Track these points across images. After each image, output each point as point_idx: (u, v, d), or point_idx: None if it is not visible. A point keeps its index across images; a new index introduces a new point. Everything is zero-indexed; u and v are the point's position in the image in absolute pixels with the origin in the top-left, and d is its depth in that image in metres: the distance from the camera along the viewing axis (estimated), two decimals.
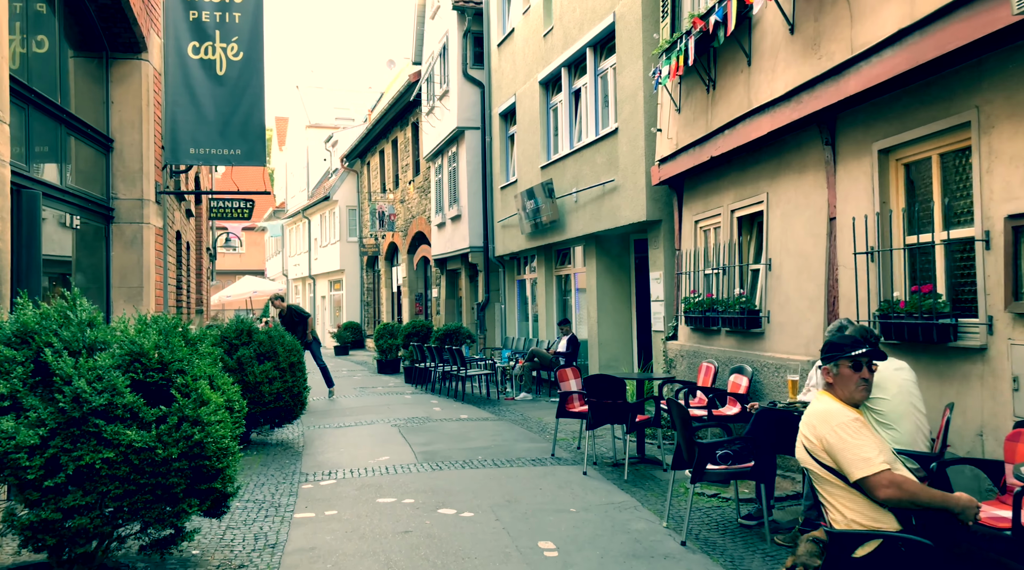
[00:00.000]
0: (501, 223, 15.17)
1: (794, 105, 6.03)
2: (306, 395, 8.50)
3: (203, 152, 8.22)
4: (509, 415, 10.24)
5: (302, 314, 12.65)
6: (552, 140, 13.01)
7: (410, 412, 10.63)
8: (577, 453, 7.47)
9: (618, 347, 11.55)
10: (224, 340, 8.09)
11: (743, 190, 7.44)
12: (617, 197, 10.35)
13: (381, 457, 7.46)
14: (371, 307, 28.03)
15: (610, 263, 11.61)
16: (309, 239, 33.65)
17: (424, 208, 20.45)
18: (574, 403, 7.40)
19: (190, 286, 11.78)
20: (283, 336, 8.40)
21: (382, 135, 24.64)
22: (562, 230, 12.21)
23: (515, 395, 12.03)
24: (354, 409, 11.16)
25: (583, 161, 11.41)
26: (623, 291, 11.63)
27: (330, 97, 37.03)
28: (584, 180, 11.34)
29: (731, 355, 7.39)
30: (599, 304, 11.51)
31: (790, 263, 6.52)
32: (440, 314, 19.47)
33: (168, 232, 8.70)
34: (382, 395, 13.02)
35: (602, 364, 11.45)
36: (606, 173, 10.65)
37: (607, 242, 11.61)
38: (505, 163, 15.29)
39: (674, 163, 8.61)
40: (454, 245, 17.09)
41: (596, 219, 11.00)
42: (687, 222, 8.79)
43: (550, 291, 13.60)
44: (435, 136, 17.85)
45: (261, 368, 7.94)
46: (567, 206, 11.98)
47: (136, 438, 3.57)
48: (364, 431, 9.12)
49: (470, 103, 16.09)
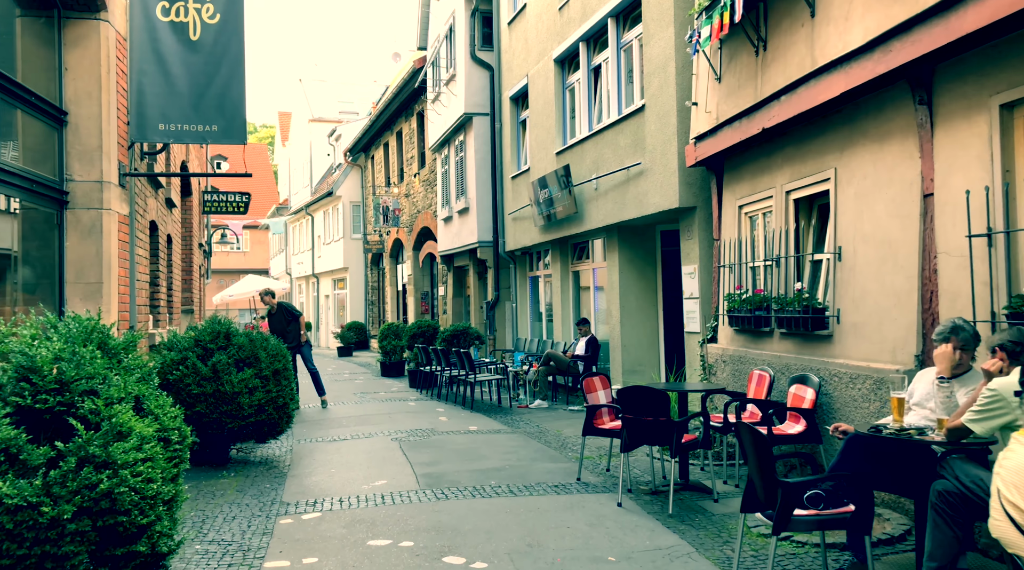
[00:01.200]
0: (512, 216, 14.08)
1: (879, 56, 4.91)
2: (294, 406, 7.44)
3: (174, 128, 7.17)
4: (524, 426, 9.16)
5: (293, 312, 11.61)
6: (568, 123, 11.92)
7: (413, 423, 9.56)
8: (607, 476, 6.37)
9: (643, 350, 10.45)
10: (198, 344, 7.04)
11: (802, 167, 6.32)
12: (644, 182, 9.24)
13: (377, 481, 6.39)
14: (375, 306, 27.01)
15: (634, 257, 10.51)
16: (312, 236, 32.66)
17: (430, 202, 19.39)
18: (603, 419, 6.31)
19: (172, 283, 10.75)
20: (266, 339, 7.34)
21: (386, 127, 23.59)
22: (580, 221, 11.12)
23: (529, 402, 10.95)
24: (352, 418, 10.10)
25: (604, 144, 10.31)
26: (648, 288, 10.53)
27: (334, 91, 36.03)
28: (606, 165, 10.24)
29: (789, 361, 6.28)
30: (622, 302, 10.41)
31: (868, 251, 5.41)
32: (447, 314, 18.40)
33: (138, 221, 7.66)
34: (384, 402, 11.96)
35: (625, 369, 10.35)
36: (631, 156, 9.55)
37: (631, 234, 10.50)
38: (516, 151, 14.19)
39: (713, 140, 7.51)
40: (461, 240, 16.02)
41: (619, 208, 9.90)
42: (729, 208, 7.68)
43: (566, 288, 12.50)
44: (441, 124, 16.78)
45: (240, 376, 6.89)
46: (586, 194, 10.88)
47: (9, 492, 2.50)
48: (361, 446, 8.05)
49: (479, 87, 15.01)
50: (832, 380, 5.65)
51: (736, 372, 7.22)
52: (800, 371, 6.04)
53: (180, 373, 6.77)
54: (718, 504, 5.45)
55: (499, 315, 15.26)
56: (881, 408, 5.03)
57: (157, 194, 9.12)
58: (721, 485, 5.97)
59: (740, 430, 3.91)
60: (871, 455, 3.86)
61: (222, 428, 6.85)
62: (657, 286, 10.55)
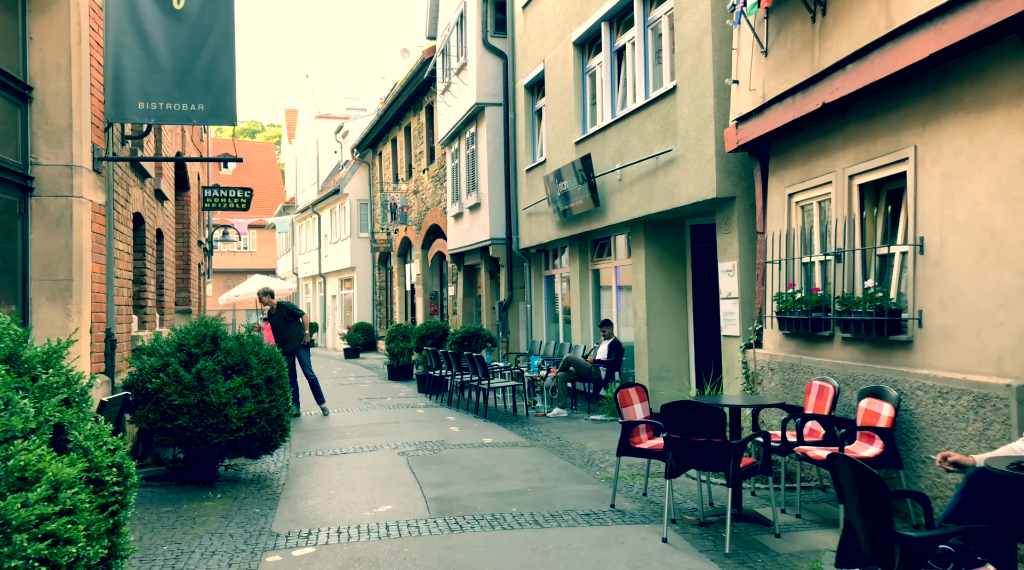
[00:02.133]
0: (526, 211, 13.28)
1: (986, 5, 4.08)
2: (289, 417, 6.66)
3: (156, 107, 6.40)
4: (543, 438, 8.35)
5: (294, 312, 10.85)
6: (588, 110, 11.11)
7: (422, 433, 8.77)
8: (645, 502, 5.56)
9: (671, 355, 9.63)
10: (181, 348, 6.27)
11: (871, 146, 5.49)
12: (675, 171, 8.43)
13: (382, 506, 5.60)
14: (383, 307, 26.26)
15: (662, 253, 9.68)
16: (319, 235, 31.96)
17: (439, 198, 18.62)
18: (641, 436, 5.50)
19: (164, 282, 10.01)
20: (258, 343, 6.56)
21: (394, 122, 22.85)
22: (601, 216, 10.30)
23: (547, 411, 10.14)
24: (356, 428, 9.32)
25: (629, 131, 9.50)
26: (677, 287, 9.70)
27: (341, 87, 35.32)
28: (631, 153, 9.43)
29: (855, 371, 5.45)
30: (648, 303, 9.59)
31: (960, 243, 4.58)
32: (457, 315, 17.62)
33: (118, 212, 6.91)
34: (390, 409, 11.17)
35: (652, 375, 9.53)
36: (660, 142, 8.73)
37: (658, 228, 9.68)
38: (531, 142, 13.39)
39: (759, 121, 6.69)
40: (472, 237, 15.23)
41: (646, 200, 9.09)
42: (776, 196, 6.85)
43: (585, 288, 11.69)
44: (451, 117, 16.00)
45: (228, 385, 6.11)
46: (608, 186, 10.07)
47: None
48: (364, 461, 7.27)
49: (491, 76, 14.22)
50: (914, 394, 4.81)
51: (787, 382, 6.39)
52: (870, 382, 5.21)
53: (160, 382, 6.00)
54: (780, 540, 4.63)
55: (512, 316, 14.47)
56: (984, 430, 4.20)
57: (144, 184, 8.37)
58: (779, 514, 5.15)
59: (837, 464, 3.09)
60: (1007, 498, 3.03)
61: (207, 443, 6.08)
62: (686, 285, 9.73)
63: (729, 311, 7.87)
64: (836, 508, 5.22)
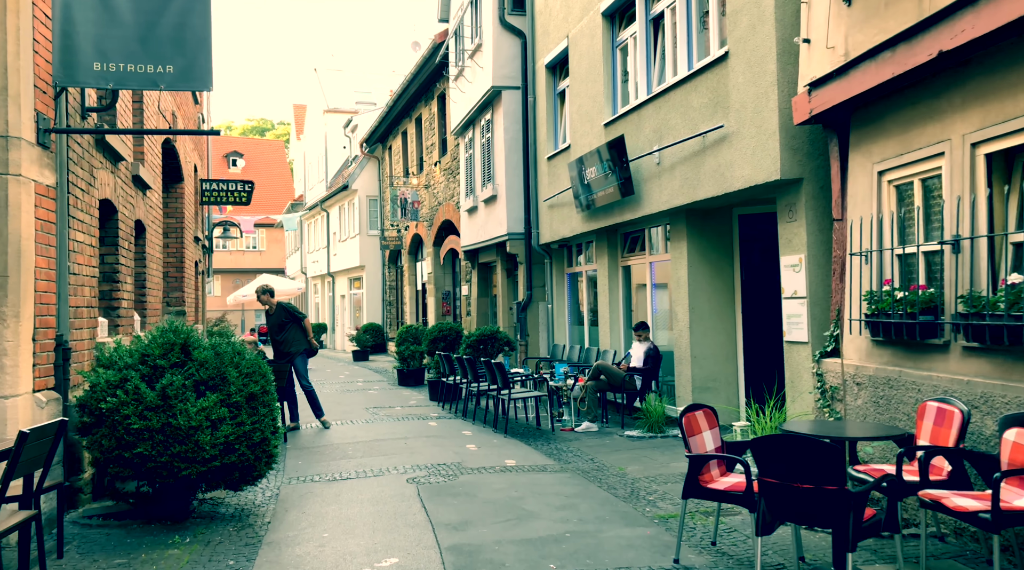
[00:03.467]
0: (548, 202, 12.16)
1: None
2: (276, 441, 5.57)
3: (115, 69, 5.32)
4: (574, 459, 7.23)
5: (294, 315, 9.79)
6: (620, 88, 9.96)
7: (435, 452, 7.66)
8: (715, 555, 4.41)
9: (717, 362, 8.47)
10: (144, 360, 5.19)
11: (1005, 104, 4.34)
12: (727, 150, 7.27)
13: (386, 558, 4.49)
14: (393, 307, 25.21)
15: (707, 247, 8.53)
16: (328, 233, 30.95)
17: (452, 192, 17.52)
18: (712, 473, 4.35)
19: (146, 280, 8.96)
20: (239, 353, 5.47)
21: (404, 113, 21.77)
22: (635, 205, 9.16)
23: (574, 424, 9.01)
24: (360, 446, 8.22)
25: (670, 108, 8.35)
26: (723, 285, 8.55)
27: (350, 80, 34.30)
28: (672, 133, 8.28)
29: (990, 391, 4.29)
30: (691, 303, 8.44)
31: None
32: (471, 316, 16.51)
33: (77, 197, 5.84)
34: (399, 421, 10.08)
35: (695, 385, 8.38)
36: (708, 118, 7.58)
37: (702, 218, 8.54)
38: (553, 127, 12.26)
39: (841, 84, 5.53)
40: (488, 233, 14.12)
41: (690, 186, 7.94)
42: (860, 175, 5.69)
43: (614, 286, 10.54)
44: (465, 103, 14.89)
45: (200, 404, 5.02)
46: (643, 172, 8.93)
47: None
48: (367, 491, 6.16)
49: (508, 57, 13.10)
50: None
51: (881, 401, 5.23)
52: (1017, 407, 4.04)
53: (116, 401, 4.92)
54: None
55: (531, 318, 13.34)
56: None
57: (117, 168, 7.31)
58: None
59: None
60: None
61: (174, 475, 5.00)
62: (734, 283, 8.58)
63: (794, 313, 6.71)
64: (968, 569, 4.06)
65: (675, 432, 8.27)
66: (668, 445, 7.73)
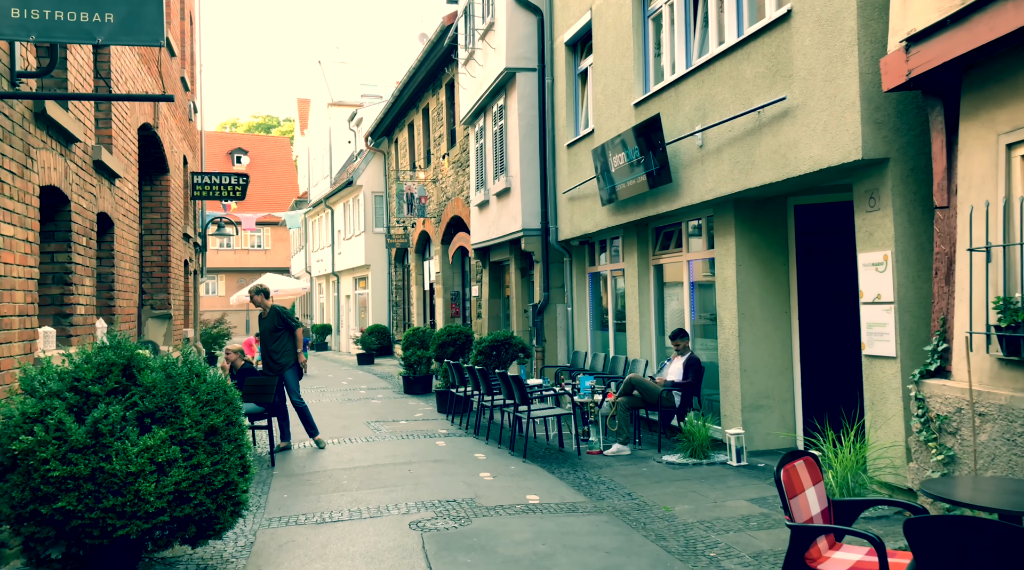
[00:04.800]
0: (568, 195, 11.02)
1: None
2: (245, 484, 4.44)
3: (39, 16, 4.21)
4: (609, 494, 6.09)
5: (288, 322, 8.70)
6: (652, 63, 8.81)
7: (443, 483, 6.53)
8: None
9: (770, 376, 7.32)
10: (74, 386, 4.08)
11: None
12: (791, 127, 6.12)
13: None
14: (400, 308, 24.12)
15: (758, 242, 7.38)
16: (332, 231, 29.89)
17: (461, 186, 16.41)
18: (820, 547, 3.20)
19: (113, 282, 7.88)
20: (198, 375, 4.35)
21: (411, 104, 20.66)
22: (672, 195, 8.01)
23: (602, 446, 7.86)
24: (357, 472, 7.11)
25: (716, 80, 7.19)
26: (777, 287, 7.40)
27: (355, 73, 33.20)
28: (718, 110, 7.13)
29: None
30: (740, 308, 7.29)
31: None
32: (482, 318, 15.39)
33: (4, 180, 4.75)
34: (404, 439, 8.96)
35: (745, 404, 7.23)
36: (766, 90, 6.42)
37: (753, 210, 7.39)
38: (574, 111, 11.12)
39: (954, 35, 4.38)
40: (500, 229, 12.99)
41: (742, 171, 6.78)
42: (978, 149, 4.53)
43: (645, 287, 9.39)
44: (476, 89, 13.77)
45: (145, 442, 3.91)
46: (682, 156, 7.78)
47: None
48: (360, 541, 5.04)
49: (523, 36, 11.96)
50: None
51: (1021, 439, 4.06)
52: None
53: (31, 440, 3.81)
54: None
55: (549, 321, 12.20)
56: None
57: (70, 151, 6.22)
58: None
59: None
60: None
61: (107, 535, 3.89)
62: (789, 284, 7.42)
63: (877, 321, 5.54)
64: None
65: (721, 457, 7.13)
66: (716, 475, 6.58)
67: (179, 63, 12.87)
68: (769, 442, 7.26)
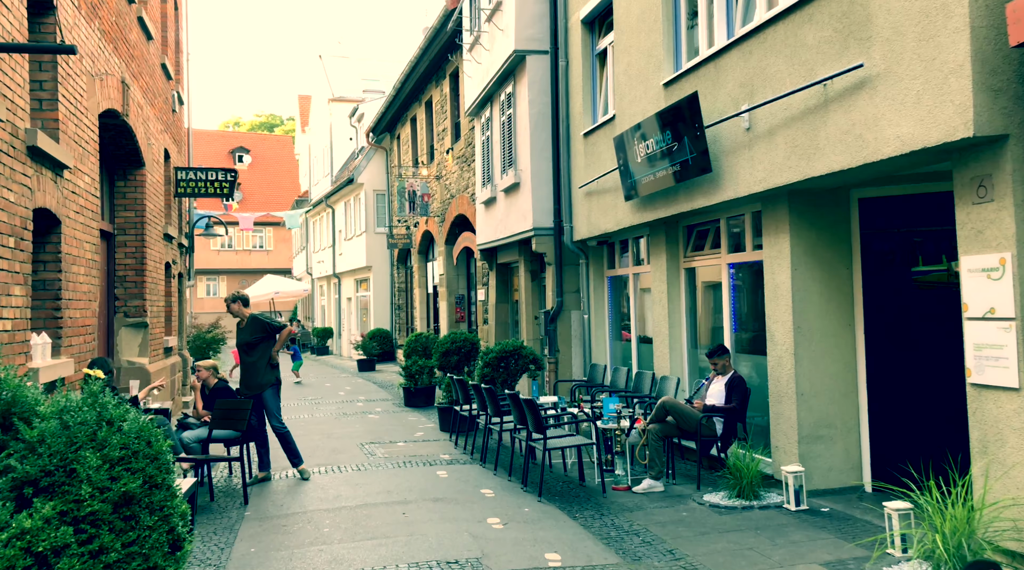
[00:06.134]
0: (585, 190, 9.89)
1: None
2: (178, 567, 3.33)
3: None
4: (646, 551, 4.96)
5: (268, 327, 7.61)
6: (685, 36, 7.67)
7: (443, 533, 5.40)
8: None
9: (832, 401, 6.17)
10: None
11: None
12: (868, 100, 4.97)
13: None
14: (403, 311, 23.03)
15: (815, 242, 6.24)
16: (333, 231, 28.84)
17: (467, 183, 15.30)
18: None
19: (61, 289, 6.79)
20: (107, 421, 3.23)
21: (413, 97, 19.58)
22: (712, 186, 6.87)
23: (630, 480, 6.73)
24: (342, 516, 5.99)
25: (767, 50, 6.05)
26: (839, 295, 6.25)
27: (357, 68, 32.11)
28: (771, 84, 5.98)
29: None
30: (796, 320, 6.14)
31: None
32: (488, 324, 14.28)
33: None
34: (400, 467, 7.85)
35: (802, 434, 6.08)
36: (834, 58, 5.28)
37: (812, 203, 6.24)
38: (591, 96, 9.98)
39: None
40: (509, 228, 11.88)
41: (803, 156, 5.64)
42: None
43: (675, 294, 8.25)
44: (481, 77, 12.66)
45: (17, 525, 2.80)
46: (724, 141, 6.64)
47: None
48: None
49: (534, 15, 10.84)
50: None
51: None
52: None
53: None
54: None
55: (562, 330, 11.06)
56: None
57: None
58: None
59: None
60: None
61: None
62: (853, 293, 6.27)
63: (990, 342, 4.39)
64: None
65: (775, 498, 5.99)
66: (774, 525, 5.44)
67: (158, 48, 11.80)
68: (830, 479, 6.12)
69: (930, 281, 6.09)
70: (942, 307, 5.75)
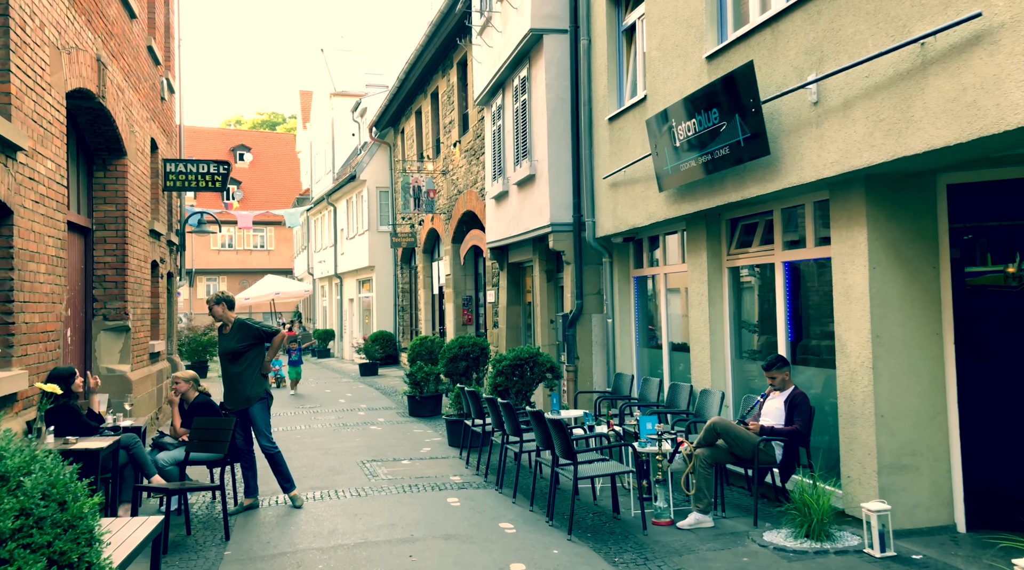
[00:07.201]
0: (609, 181, 8.94)
1: None
2: None
3: None
4: None
5: (260, 332, 6.69)
6: (731, 2, 6.72)
7: None
8: None
9: (919, 424, 5.22)
10: None
11: None
12: (987, 59, 4.03)
13: None
14: (407, 313, 22.11)
15: (897, 237, 5.29)
16: (335, 230, 27.93)
17: (475, 177, 14.37)
18: None
19: (14, 291, 5.89)
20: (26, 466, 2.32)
21: (418, 88, 18.66)
22: (770, 171, 5.92)
23: (672, 513, 5.78)
24: (336, 556, 5.05)
25: (838, 10, 5.10)
26: (925, 299, 5.30)
27: (360, 62, 31.17)
28: (846, 49, 5.03)
29: None
30: (875, 328, 5.20)
31: None
32: (499, 328, 13.34)
33: None
34: (405, 491, 6.91)
35: (883, 463, 5.13)
36: (936, 12, 4.33)
37: (892, 190, 5.29)
38: (617, 76, 9.04)
39: None
40: (523, 224, 10.94)
41: (891, 132, 4.69)
42: None
43: (717, 296, 7.30)
44: (493, 62, 11.74)
45: None
46: (784, 119, 5.69)
47: None
48: None
49: None
50: None
51: None
52: None
53: None
54: None
55: (582, 335, 10.12)
56: None
57: None
58: None
59: None
60: None
61: None
62: (941, 296, 5.32)
63: None
64: None
65: (852, 539, 5.05)
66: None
67: (144, 29, 10.89)
68: (916, 518, 5.17)
69: (982, 285, 5.19)
70: None
